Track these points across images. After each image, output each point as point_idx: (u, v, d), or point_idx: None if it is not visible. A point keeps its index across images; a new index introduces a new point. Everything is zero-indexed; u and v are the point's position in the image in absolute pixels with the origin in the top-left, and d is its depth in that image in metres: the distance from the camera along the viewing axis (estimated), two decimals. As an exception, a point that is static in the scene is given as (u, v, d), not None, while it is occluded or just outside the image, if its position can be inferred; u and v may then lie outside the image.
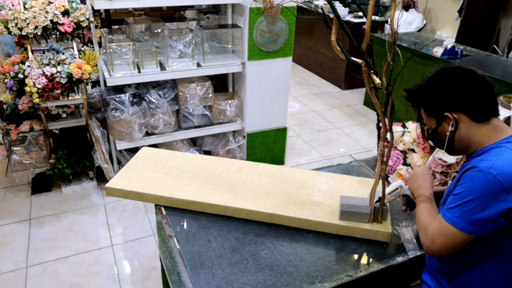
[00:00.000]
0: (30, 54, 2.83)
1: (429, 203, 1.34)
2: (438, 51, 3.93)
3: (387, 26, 5.61)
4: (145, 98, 3.10)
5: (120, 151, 3.29)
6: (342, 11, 5.85)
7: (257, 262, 1.41)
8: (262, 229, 1.57)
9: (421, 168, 1.46)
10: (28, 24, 2.71)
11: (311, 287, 1.32)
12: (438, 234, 1.20)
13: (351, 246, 1.50)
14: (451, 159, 1.68)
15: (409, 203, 1.53)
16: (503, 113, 2.46)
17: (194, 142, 3.63)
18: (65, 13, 2.84)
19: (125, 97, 2.99)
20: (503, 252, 1.19)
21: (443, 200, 1.32)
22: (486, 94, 1.22)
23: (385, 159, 1.40)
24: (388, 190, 1.48)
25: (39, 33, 2.81)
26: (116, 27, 3.35)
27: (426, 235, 1.23)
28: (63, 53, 2.82)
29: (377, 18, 5.62)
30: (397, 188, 1.48)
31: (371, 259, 1.46)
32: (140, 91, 3.11)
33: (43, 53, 2.86)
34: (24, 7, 2.74)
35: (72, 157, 3.23)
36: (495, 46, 5.16)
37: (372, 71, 1.26)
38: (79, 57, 2.88)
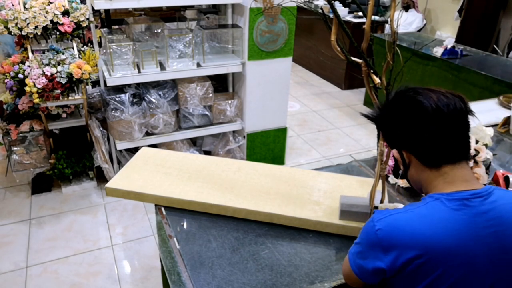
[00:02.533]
0: (30, 54, 2.83)
1: None
2: (438, 51, 3.93)
3: (387, 26, 5.61)
4: (145, 98, 3.10)
5: (120, 151, 3.29)
6: (342, 11, 5.85)
7: (257, 262, 1.41)
8: (262, 229, 1.57)
9: None
10: (28, 24, 2.71)
11: (311, 287, 1.32)
12: (345, 263, 1.15)
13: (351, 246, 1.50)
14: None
15: None
16: (503, 113, 2.46)
17: (194, 142, 3.63)
18: (65, 13, 2.84)
19: (125, 97, 2.99)
20: None
21: None
22: (438, 134, 0.99)
23: (385, 159, 1.40)
24: (387, 205, 1.47)
25: (39, 33, 2.82)
26: (116, 27, 3.35)
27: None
28: (63, 53, 2.82)
29: (377, 18, 5.62)
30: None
31: (371, 259, 1.45)
32: (140, 91, 3.11)
33: (43, 53, 2.86)
34: (24, 7, 2.74)
35: (72, 157, 3.23)
36: (495, 46, 5.16)
37: (372, 71, 1.26)
38: (79, 57, 2.88)
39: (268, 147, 3.61)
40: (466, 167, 1.04)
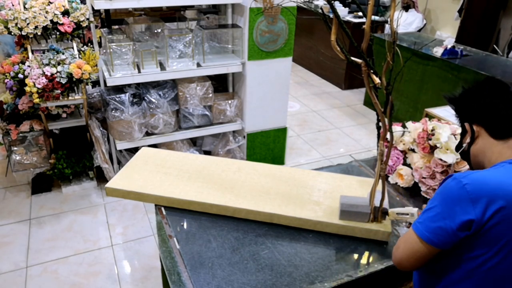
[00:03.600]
0: (30, 54, 2.83)
1: None
2: (438, 51, 3.93)
3: (387, 26, 5.61)
4: (145, 98, 3.10)
5: (120, 151, 3.29)
6: (342, 11, 5.85)
7: (257, 262, 1.41)
8: (262, 229, 1.57)
9: None
10: (28, 24, 2.71)
11: (311, 287, 1.32)
12: (403, 240, 1.15)
13: (351, 246, 1.50)
14: (451, 159, 1.68)
15: None
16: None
17: (194, 142, 3.63)
18: (65, 13, 2.84)
19: (125, 97, 2.99)
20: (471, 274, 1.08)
21: None
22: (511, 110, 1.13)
23: (385, 159, 1.40)
24: (399, 209, 1.46)
25: (39, 33, 2.81)
26: (116, 27, 3.35)
27: (395, 246, 1.18)
28: (63, 53, 2.82)
29: (377, 18, 5.62)
30: (407, 214, 1.44)
31: (371, 259, 1.46)
32: (140, 91, 3.11)
33: (43, 53, 2.86)
34: (24, 7, 2.74)
35: (72, 157, 3.23)
36: (495, 46, 5.16)
37: (371, 71, 1.26)
38: (79, 57, 2.88)
39: (268, 147, 3.61)
40: None
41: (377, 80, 1.25)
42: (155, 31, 3.16)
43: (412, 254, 1.12)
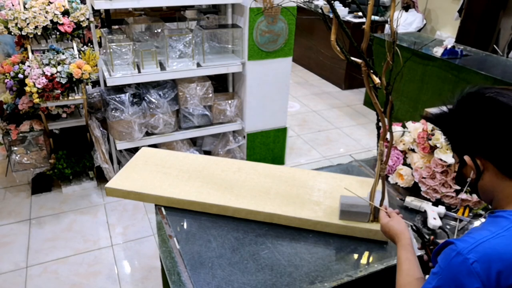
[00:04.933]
0: (30, 54, 2.83)
1: (410, 252, 1.15)
2: (438, 51, 3.93)
3: (387, 26, 5.61)
4: (145, 98, 3.10)
5: (120, 151, 3.29)
6: (342, 11, 5.85)
7: (257, 262, 1.41)
8: (262, 229, 1.57)
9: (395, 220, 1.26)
10: (28, 24, 2.71)
11: (311, 287, 1.32)
12: None
13: (351, 246, 1.50)
14: (451, 159, 1.68)
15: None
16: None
17: (194, 142, 3.63)
18: (65, 13, 2.84)
19: (125, 97, 2.99)
20: None
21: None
22: None
23: (385, 159, 1.40)
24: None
25: (39, 33, 2.81)
26: (116, 27, 3.35)
27: None
28: (63, 53, 2.82)
29: (377, 18, 5.62)
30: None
31: (371, 259, 1.46)
32: (140, 91, 3.11)
33: (43, 53, 2.86)
34: (24, 7, 2.74)
35: (72, 157, 3.23)
36: (495, 46, 5.16)
37: (371, 71, 1.26)
38: (79, 57, 2.88)
39: (268, 147, 3.61)
40: None
41: (377, 80, 1.25)
42: (155, 31, 3.16)
43: None
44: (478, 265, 0.85)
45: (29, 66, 2.72)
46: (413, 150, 1.87)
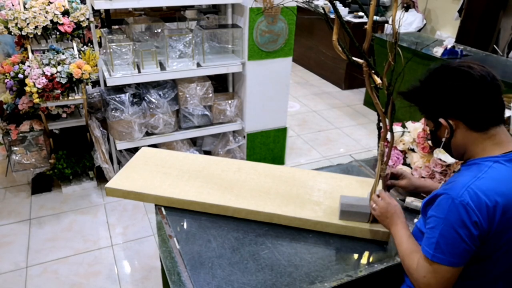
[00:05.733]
0: (30, 54, 2.83)
1: (405, 230, 1.29)
2: (438, 51, 3.94)
3: (387, 26, 5.61)
4: (145, 98, 3.10)
5: (120, 151, 3.29)
6: (342, 11, 5.85)
7: (257, 262, 1.41)
8: (262, 229, 1.57)
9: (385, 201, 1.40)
10: (28, 24, 2.71)
11: (311, 287, 1.32)
12: (431, 275, 1.11)
13: (351, 246, 1.50)
14: (450, 159, 1.68)
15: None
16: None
17: (194, 142, 3.63)
18: (65, 13, 2.84)
19: (125, 97, 2.99)
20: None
21: (421, 208, 1.26)
22: (486, 99, 1.11)
23: (385, 159, 1.40)
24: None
25: (39, 33, 2.81)
26: (116, 27, 3.35)
27: (418, 278, 1.15)
28: (63, 53, 2.82)
29: (377, 18, 5.62)
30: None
31: (371, 259, 1.46)
32: (140, 91, 3.11)
33: (43, 53, 2.86)
34: (24, 7, 2.74)
35: (72, 157, 3.23)
36: (495, 46, 5.16)
37: (373, 71, 1.26)
38: (79, 57, 2.88)
39: (268, 147, 3.61)
40: (505, 129, 1.16)
41: (378, 80, 1.25)
42: (155, 31, 3.16)
43: (447, 281, 1.11)
44: (472, 204, 1.04)
45: (29, 66, 2.71)
46: (413, 150, 1.87)
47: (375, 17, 1.21)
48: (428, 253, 1.11)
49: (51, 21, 2.79)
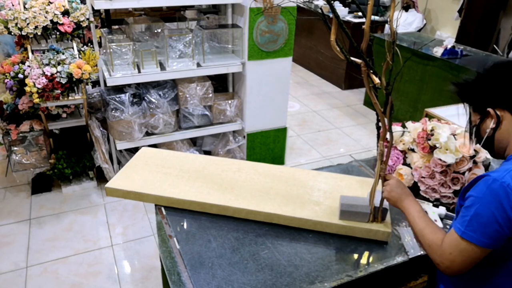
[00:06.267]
0: (30, 54, 2.84)
1: (420, 206, 1.33)
2: (438, 51, 3.93)
3: (387, 26, 5.61)
4: (145, 98, 3.10)
5: (120, 151, 3.29)
6: (342, 11, 5.85)
7: (257, 262, 1.41)
8: (262, 229, 1.57)
9: (394, 180, 1.44)
10: (28, 24, 2.71)
11: (311, 287, 1.32)
12: (457, 252, 1.12)
13: (351, 246, 1.50)
14: (450, 159, 1.68)
15: None
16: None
17: (194, 142, 3.63)
18: (65, 13, 2.84)
19: (125, 97, 2.99)
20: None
21: (458, 200, 1.28)
22: None
23: (385, 159, 1.40)
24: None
25: (39, 33, 2.82)
26: (116, 27, 3.35)
27: (442, 254, 1.16)
28: (63, 53, 2.82)
29: (377, 18, 5.62)
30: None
31: (371, 259, 1.46)
32: (140, 91, 3.11)
33: (43, 53, 2.86)
34: (24, 7, 2.74)
35: (72, 157, 3.23)
36: (495, 46, 5.16)
37: (371, 71, 1.26)
38: (79, 57, 2.88)
39: (268, 147, 3.61)
40: None
41: (376, 80, 1.25)
42: (155, 31, 3.16)
43: (472, 261, 1.12)
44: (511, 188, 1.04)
45: (29, 66, 2.72)
46: (412, 150, 1.87)
47: (374, 17, 1.22)
48: (459, 230, 1.12)
49: (51, 21, 2.79)
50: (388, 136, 1.37)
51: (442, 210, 1.66)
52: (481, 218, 1.08)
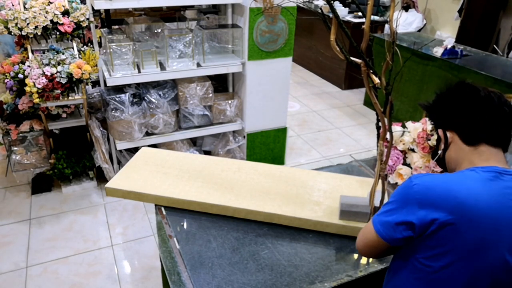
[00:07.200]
0: (30, 54, 2.84)
1: None
2: (438, 51, 3.93)
3: (387, 26, 5.61)
4: (145, 98, 3.10)
5: (120, 151, 3.29)
6: (342, 11, 5.85)
7: (257, 262, 1.41)
8: (262, 229, 1.57)
9: None
10: (28, 24, 2.71)
11: (311, 287, 1.32)
12: (363, 230, 1.21)
13: (351, 246, 1.50)
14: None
15: None
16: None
17: (194, 142, 3.63)
18: (65, 13, 2.84)
19: (125, 97, 2.99)
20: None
21: None
22: (484, 116, 1.13)
23: (384, 159, 1.40)
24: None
25: (39, 33, 2.81)
26: (116, 27, 3.35)
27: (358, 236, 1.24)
28: (63, 53, 2.82)
29: (377, 18, 5.62)
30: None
31: (371, 259, 1.46)
32: (140, 91, 3.11)
33: (43, 53, 2.86)
34: (24, 7, 2.74)
35: (72, 157, 3.23)
36: (495, 46, 5.16)
37: (371, 71, 1.26)
38: (79, 57, 2.88)
39: (268, 147, 3.61)
40: (502, 154, 1.15)
41: (376, 80, 1.25)
42: (155, 31, 3.16)
43: (368, 243, 1.17)
44: (418, 188, 1.06)
45: (29, 66, 2.72)
46: (413, 150, 1.87)
47: (374, 17, 1.22)
48: (376, 215, 1.17)
49: (51, 21, 2.79)
50: (388, 136, 1.37)
51: None
52: (386, 206, 1.13)
